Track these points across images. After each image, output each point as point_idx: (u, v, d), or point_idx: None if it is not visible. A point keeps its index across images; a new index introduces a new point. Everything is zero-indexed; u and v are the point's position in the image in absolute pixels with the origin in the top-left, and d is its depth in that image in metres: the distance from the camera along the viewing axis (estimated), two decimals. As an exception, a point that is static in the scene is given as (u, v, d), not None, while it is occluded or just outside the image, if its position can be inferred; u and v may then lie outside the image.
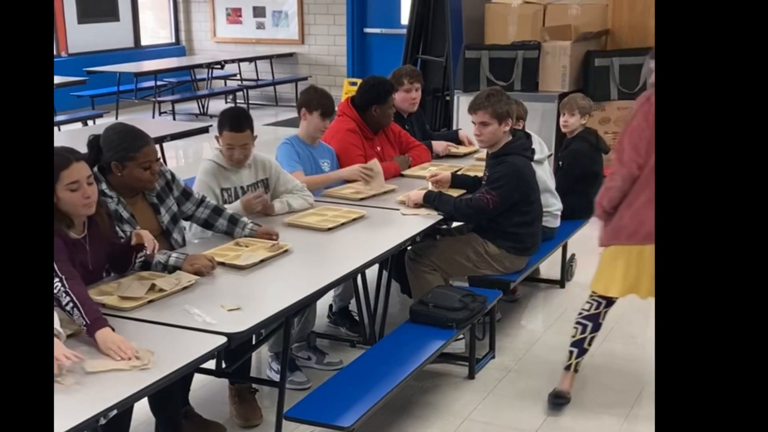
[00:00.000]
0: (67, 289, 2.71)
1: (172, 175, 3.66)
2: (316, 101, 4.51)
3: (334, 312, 4.73)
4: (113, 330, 2.70)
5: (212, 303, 3.01)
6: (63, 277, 2.74)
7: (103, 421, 2.30)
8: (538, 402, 3.89)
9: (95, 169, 3.38)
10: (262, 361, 4.27)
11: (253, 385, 3.81)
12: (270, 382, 3.92)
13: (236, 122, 3.95)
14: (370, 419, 3.28)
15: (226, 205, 3.87)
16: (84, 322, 2.70)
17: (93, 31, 11.99)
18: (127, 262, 3.25)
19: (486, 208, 4.17)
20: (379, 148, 4.95)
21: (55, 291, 2.69)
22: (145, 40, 13.01)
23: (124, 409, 2.50)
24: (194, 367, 2.69)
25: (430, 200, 4.23)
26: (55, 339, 2.49)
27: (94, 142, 3.43)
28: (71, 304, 2.70)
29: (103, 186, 3.35)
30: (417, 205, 4.25)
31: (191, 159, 9.52)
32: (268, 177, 4.15)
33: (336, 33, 12.35)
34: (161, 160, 3.59)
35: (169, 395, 3.17)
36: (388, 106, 4.87)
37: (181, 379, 2.84)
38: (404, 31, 8.53)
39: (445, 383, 4.09)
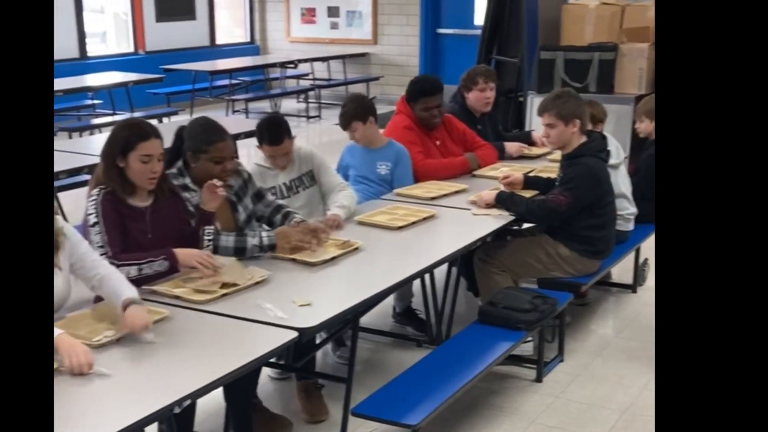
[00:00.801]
0: (122, 262, 2.96)
1: (249, 175, 3.73)
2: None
3: (398, 312, 4.72)
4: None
5: (283, 298, 3.04)
6: (112, 252, 2.99)
7: (177, 410, 2.35)
8: (607, 407, 3.84)
9: (179, 163, 3.46)
10: (327, 357, 4.30)
11: (319, 381, 3.83)
12: (337, 378, 3.94)
13: (274, 136, 4.01)
14: (435, 419, 3.27)
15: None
16: (161, 260, 3.05)
17: (170, 29, 12.22)
18: (195, 239, 3.30)
19: (558, 210, 4.13)
20: (438, 142, 4.92)
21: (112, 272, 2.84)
22: (221, 39, 13.21)
23: (197, 398, 2.54)
24: (266, 359, 2.74)
25: (502, 201, 4.21)
26: (138, 306, 2.69)
27: (180, 131, 3.54)
28: (137, 268, 3.00)
29: (187, 180, 3.44)
30: (488, 206, 4.23)
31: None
32: (312, 168, 4.19)
33: (409, 33, 12.35)
34: (237, 159, 3.65)
35: (241, 387, 3.21)
36: (418, 106, 4.81)
37: (250, 372, 2.88)
38: (478, 31, 8.50)
39: (512, 386, 4.06)
